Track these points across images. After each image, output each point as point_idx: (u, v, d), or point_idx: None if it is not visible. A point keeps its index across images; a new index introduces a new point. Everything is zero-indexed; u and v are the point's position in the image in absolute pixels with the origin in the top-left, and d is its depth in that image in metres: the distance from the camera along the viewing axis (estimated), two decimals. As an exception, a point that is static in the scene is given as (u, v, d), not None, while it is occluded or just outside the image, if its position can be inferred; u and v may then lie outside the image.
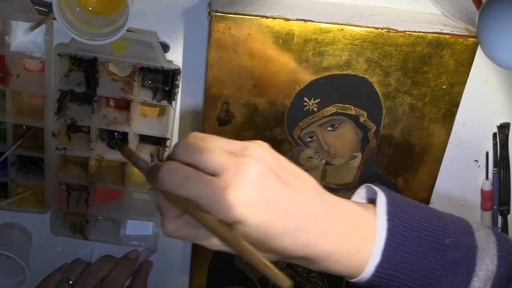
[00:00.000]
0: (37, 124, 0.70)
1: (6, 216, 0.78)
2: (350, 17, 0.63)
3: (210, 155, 0.44)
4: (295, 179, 0.47)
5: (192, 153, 0.44)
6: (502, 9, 0.46)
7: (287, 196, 0.45)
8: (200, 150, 0.44)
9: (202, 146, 0.45)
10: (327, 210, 0.48)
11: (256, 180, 0.43)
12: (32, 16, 0.64)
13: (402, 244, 0.49)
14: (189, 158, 0.44)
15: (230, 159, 0.44)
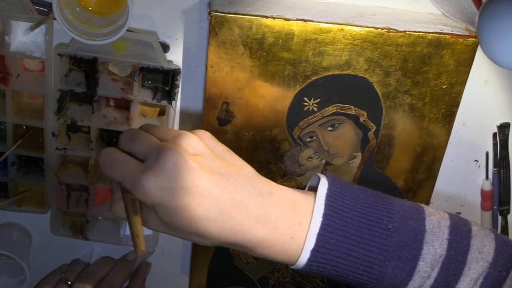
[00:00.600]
0: (37, 124, 0.70)
1: (6, 216, 0.78)
2: (350, 17, 0.63)
3: (139, 142, 0.49)
4: (225, 167, 0.49)
5: (126, 141, 0.50)
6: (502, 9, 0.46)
7: (209, 182, 0.47)
8: (133, 137, 0.49)
9: (136, 134, 0.50)
10: (260, 198, 0.50)
11: (172, 166, 0.46)
12: (32, 16, 0.64)
13: (340, 229, 0.50)
14: (124, 145, 0.50)
15: (154, 147, 0.48)
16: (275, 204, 0.50)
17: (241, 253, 0.75)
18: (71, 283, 0.76)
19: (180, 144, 0.48)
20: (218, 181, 0.48)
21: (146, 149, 0.48)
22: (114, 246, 0.79)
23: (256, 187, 0.50)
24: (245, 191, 0.49)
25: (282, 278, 0.77)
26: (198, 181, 0.46)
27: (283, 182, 0.70)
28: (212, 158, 0.49)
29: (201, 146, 0.49)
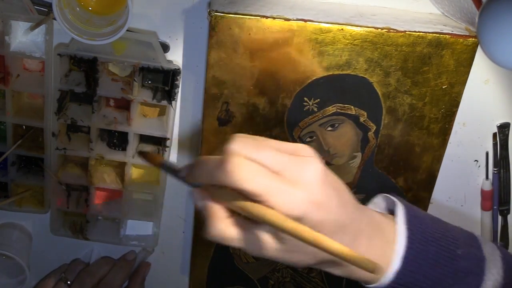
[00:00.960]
0: (37, 124, 0.70)
1: (6, 216, 0.78)
2: (350, 17, 0.63)
3: (269, 153, 0.44)
4: (337, 181, 0.47)
5: (252, 150, 0.44)
6: (502, 9, 0.46)
7: (336, 197, 0.45)
8: (259, 147, 0.44)
9: (259, 143, 0.45)
10: (359, 214, 0.48)
11: (319, 178, 0.44)
12: (32, 16, 0.64)
13: (420, 252, 0.50)
14: (251, 154, 0.44)
15: (292, 158, 0.44)
16: (368, 222, 0.50)
17: (241, 253, 0.75)
18: (70, 282, 0.77)
19: (314, 156, 0.45)
20: (339, 197, 0.46)
21: (281, 160, 0.44)
22: (114, 246, 0.79)
23: (356, 203, 0.49)
24: (351, 207, 0.48)
25: (282, 278, 0.77)
26: (331, 197, 0.45)
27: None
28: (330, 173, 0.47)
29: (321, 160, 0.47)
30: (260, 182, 0.42)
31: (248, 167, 0.43)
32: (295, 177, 0.43)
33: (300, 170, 0.44)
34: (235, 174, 0.42)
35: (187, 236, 0.79)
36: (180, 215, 0.78)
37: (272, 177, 0.43)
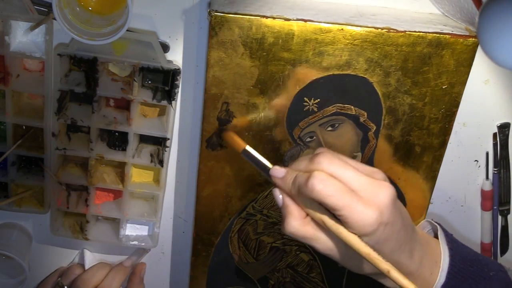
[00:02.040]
0: (37, 124, 0.70)
1: (6, 216, 0.78)
2: (350, 17, 0.63)
3: (352, 173, 0.50)
4: (401, 206, 0.54)
5: (337, 168, 0.50)
6: (502, 9, 0.46)
7: (400, 220, 0.52)
8: (343, 166, 0.51)
9: (343, 163, 0.51)
10: (415, 235, 0.56)
11: (390, 202, 0.50)
12: (32, 16, 0.64)
13: (461, 270, 0.57)
14: (335, 172, 0.50)
15: (369, 180, 0.50)
16: (419, 240, 0.57)
17: (241, 253, 0.75)
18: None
19: (387, 181, 0.52)
20: (400, 217, 0.52)
21: (362, 181, 0.50)
22: (114, 246, 0.79)
23: (410, 222, 0.56)
24: (408, 226, 0.54)
25: (282, 278, 0.77)
26: (395, 217, 0.51)
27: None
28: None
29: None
30: (341, 199, 0.48)
31: (332, 184, 0.49)
32: (370, 198, 0.49)
33: (375, 192, 0.50)
34: (318, 189, 0.49)
35: (187, 236, 0.79)
36: (180, 215, 0.78)
37: (352, 195, 0.49)
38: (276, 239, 0.74)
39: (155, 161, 0.72)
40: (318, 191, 0.49)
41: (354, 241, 0.50)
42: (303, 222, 0.52)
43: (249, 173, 0.69)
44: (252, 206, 0.72)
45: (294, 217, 0.52)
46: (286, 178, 0.53)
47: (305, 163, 0.53)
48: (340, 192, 0.49)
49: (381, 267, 0.49)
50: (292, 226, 0.52)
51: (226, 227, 0.73)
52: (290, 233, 0.52)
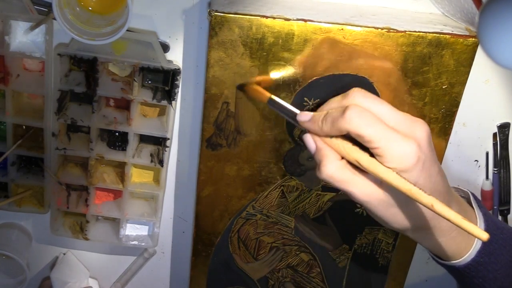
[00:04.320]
0: (37, 124, 0.70)
1: (6, 216, 0.78)
2: (350, 17, 0.63)
3: (387, 108, 0.50)
4: (434, 150, 0.52)
5: (372, 103, 0.49)
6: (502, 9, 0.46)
7: (434, 160, 0.50)
8: (378, 101, 0.50)
9: (377, 98, 0.50)
10: (448, 186, 0.54)
11: (428, 138, 0.49)
12: (32, 16, 0.64)
13: (495, 236, 0.56)
14: (370, 106, 0.49)
15: (405, 115, 0.50)
16: (454, 199, 0.55)
17: (241, 253, 0.75)
18: None
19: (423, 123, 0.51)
20: (439, 165, 0.52)
21: (396, 116, 0.49)
22: (114, 246, 0.79)
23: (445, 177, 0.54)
24: (442, 176, 0.53)
25: (282, 278, 0.77)
26: (431, 159, 0.50)
27: (283, 182, 0.70)
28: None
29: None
30: (378, 130, 0.47)
31: (368, 115, 0.48)
32: (407, 132, 0.48)
33: (412, 127, 0.48)
34: (356, 120, 0.47)
35: (187, 236, 0.79)
36: (180, 215, 0.78)
37: (388, 127, 0.48)
38: (276, 239, 0.74)
39: (155, 161, 0.72)
40: (356, 121, 0.47)
41: (393, 177, 0.47)
42: (340, 165, 0.50)
43: (249, 173, 0.69)
44: (252, 206, 0.72)
45: (330, 159, 0.50)
46: (315, 119, 0.51)
47: (337, 100, 0.51)
48: (378, 123, 0.47)
49: (424, 201, 0.46)
50: (329, 168, 0.50)
51: (226, 227, 0.73)
52: (327, 177, 0.50)
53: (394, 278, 0.77)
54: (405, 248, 0.75)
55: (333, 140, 0.50)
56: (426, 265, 0.83)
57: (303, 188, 0.71)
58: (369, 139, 0.47)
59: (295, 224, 0.73)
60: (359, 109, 0.48)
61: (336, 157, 0.50)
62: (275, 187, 0.71)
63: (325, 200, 0.71)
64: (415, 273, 0.82)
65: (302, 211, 0.72)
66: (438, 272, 0.83)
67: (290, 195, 0.71)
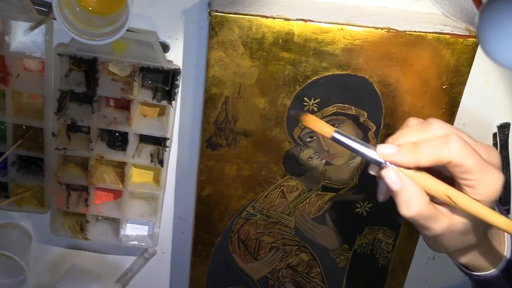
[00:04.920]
0: (37, 124, 0.70)
1: (6, 216, 0.78)
2: (350, 17, 0.63)
3: (468, 136, 0.49)
4: None
5: (458, 132, 0.48)
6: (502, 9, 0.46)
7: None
8: (460, 131, 0.49)
9: (458, 129, 0.49)
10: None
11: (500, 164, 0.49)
12: (32, 16, 0.64)
13: None
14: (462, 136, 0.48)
15: (480, 142, 0.49)
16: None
17: (241, 253, 0.75)
18: None
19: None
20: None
21: (478, 146, 0.49)
22: (114, 246, 0.79)
23: None
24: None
25: (282, 278, 0.77)
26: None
27: (283, 182, 0.70)
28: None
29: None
30: (476, 161, 0.46)
31: (469, 145, 0.47)
32: (490, 160, 0.48)
33: (490, 156, 0.48)
34: (461, 150, 0.46)
35: (187, 236, 0.79)
36: (180, 215, 0.78)
37: (482, 158, 0.47)
38: (276, 239, 0.74)
39: (155, 161, 0.72)
40: (460, 151, 0.46)
41: (482, 209, 0.47)
42: (427, 201, 0.48)
43: (249, 173, 0.69)
44: (252, 206, 0.72)
45: (420, 197, 0.48)
46: (405, 150, 0.48)
47: (416, 131, 0.49)
48: (476, 154, 0.46)
49: (508, 229, 0.47)
50: (420, 206, 0.48)
51: (226, 227, 0.73)
52: (417, 215, 0.48)
53: (394, 278, 0.77)
54: (405, 248, 0.75)
55: (418, 174, 0.48)
56: (426, 265, 0.83)
57: (303, 188, 0.71)
58: (468, 170, 0.47)
59: (295, 224, 0.73)
60: (461, 139, 0.47)
61: (423, 193, 0.48)
62: (275, 187, 0.71)
63: (325, 200, 0.71)
64: (415, 273, 0.82)
65: (302, 211, 0.72)
66: (438, 272, 0.83)
67: (290, 195, 0.71)
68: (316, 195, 0.71)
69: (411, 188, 0.48)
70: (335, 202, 0.71)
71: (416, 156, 0.48)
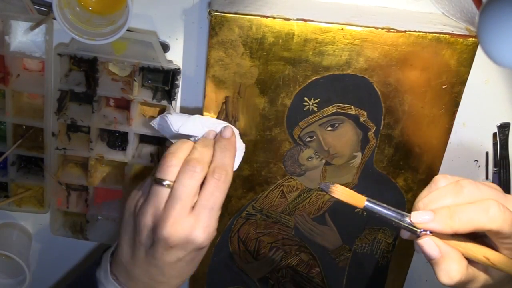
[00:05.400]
0: (37, 124, 0.70)
1: (6, 216, 0.78)
2: (350, 17, 0.63)
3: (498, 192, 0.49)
4: None
5: (489, 190, 0.49)
6: (502, 9, 0.46)
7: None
8: (491, 187, 0.50)
9: (489, 184, 0.50)
10: None
11: None
12: (32, 16, 0.64)
13: None
14: (489, 195, 0.48)
15: (506, 197, 0.50)
16: None
17: (241, 253, 0.75)
18: (171, 183, 0.58)
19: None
20: None
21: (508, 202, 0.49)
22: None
23: None
24: None
25: (282, 278, 0.77)
26: None
27: (283, 182, 0.70)
28: None
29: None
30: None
31: (507, 210, 0.47)
32: None
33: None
34: (500, 217, 0.46)
35: (187, 236, 0.79)
36: (180, 215, 0.78)
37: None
38: (276, 239, 0.74)
39: (155, 161, 0.72)
40: (500, 219, 0.46)
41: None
42: (466, 265, 0.48)
43: (249, 173, 0.69)
44: (252, 206, 0.72)
45: (459, 263, 0.47)
46: (441, 218, 0.47)
47: (448, 194, 0.49)
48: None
49: None
50: (459, 273, 0.47)
51: (226, 227, 0.73)
52: (457, 281, 0.47)
53: (394, 278, 0.77)
54: (405, 248, 0.75)
55: (455, 240, 0.48)
56: (426, 265, 0.83)
57: (303, 188, 0.71)
58: (508, 235, 0.47)
59: (295, 224, 0.73)
60: (499, 205, 0.47)
61: (463, 258, 0.48)
62: (275, 187, 0.71)
63: (325, 200, 0.71)
64: (415, 273, 0.82)
65: (302, 211, 0.72)
66: (438, 272, 0.83)
67: (290, 195, 0.71)
68: (316, 195, 0.71)
69: (452, 256, 0.47)
70: (335, 202, 0.71)
71: (453, 224, 0.47)
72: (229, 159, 0.60)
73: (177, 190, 0.56)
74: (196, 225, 0.57)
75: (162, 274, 0.59)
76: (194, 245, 0.58)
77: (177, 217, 0.56)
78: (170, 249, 0.57)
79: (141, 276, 0.59)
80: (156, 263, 0.58)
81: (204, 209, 0.57)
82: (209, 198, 0.57)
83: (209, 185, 0.58)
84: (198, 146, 0.60)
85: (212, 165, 0.59)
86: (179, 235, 0.56)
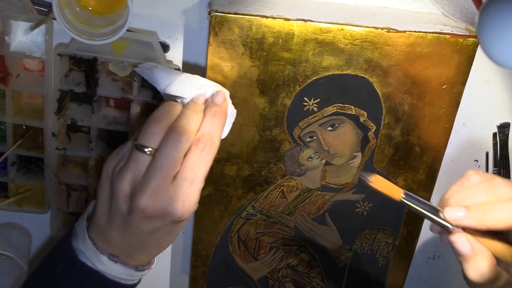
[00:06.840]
0: (37, 124, 0.70)
1: (6, 216, 0.78)
2: (350, 17, 0.63)
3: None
4: None
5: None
6: (502, 9, 0.46)
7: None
8: None
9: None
10: None
11: None
12: (32, 16, 0.64)
13: None
14: None
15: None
16: None
17: (241, 253, 0.75)
18: (152, 149, 0.55)
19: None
20: None
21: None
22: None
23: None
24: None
25: (282, 278, 0.77)
26: None
27: (283, 182, 0.70)
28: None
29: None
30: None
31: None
32: None
33: None
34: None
35: (187, 236, 0.79)
36: (180, 215, 0.78)
37: None
38: (276, 239, 0.74)
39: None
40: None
41: None
42: (495, 263, 0.48)
43: (249, 173, 0.69)
44: (252, 206, 0.72)
45: (489, 262, 0.48)
46: (474, 214, 0.48)
47: (482, 191, 0.49)
48: None
49: None
50: (489, 271, 0.48)
51: (226, 227, 0.73)
52: (487, 279, 0.48)
53: (394, 278, 0.77)
54: (405, 248, 0.75)
55: (485, 238, 0.48)
56: (426, 265, 0.83)
57: (303, 188, 0.71)
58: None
59: (295, 224, 0.73)
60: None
61: (493, 257, 0.48)
62: (275, 187, 0.71)
63: (325, 200, 0.71)
64: (415, 273, 0.82)
65: (302, 211, 0.72)
66: (438, 272, 0.83)
67: (290, 195, 0.71)
68: (316, 195, 0.71)
69: (483, 253, 0.48)
70: (335, 202, 0.71)
71: (487, 220, 0.47)
72: (217, 128, 0.57)
73: (158, 160, 0.53)
74: (176, 198, 0.53)
75: (139, 241, 0.56)
76: (172, 217, 0.54)
77: (156, 188, 0.53)
78: (147, 219, 0.54)
79: (118, 242, 0.56)
80: (132, 230, 0.55)
81: (185, 181, 0.54)
82: (191, 170, 0.54)
83: (192, 155, 0.54)
84: (187, 112, 0.56)
85: (199, 134, 0.55)
86: (157, 206, 0.53)
